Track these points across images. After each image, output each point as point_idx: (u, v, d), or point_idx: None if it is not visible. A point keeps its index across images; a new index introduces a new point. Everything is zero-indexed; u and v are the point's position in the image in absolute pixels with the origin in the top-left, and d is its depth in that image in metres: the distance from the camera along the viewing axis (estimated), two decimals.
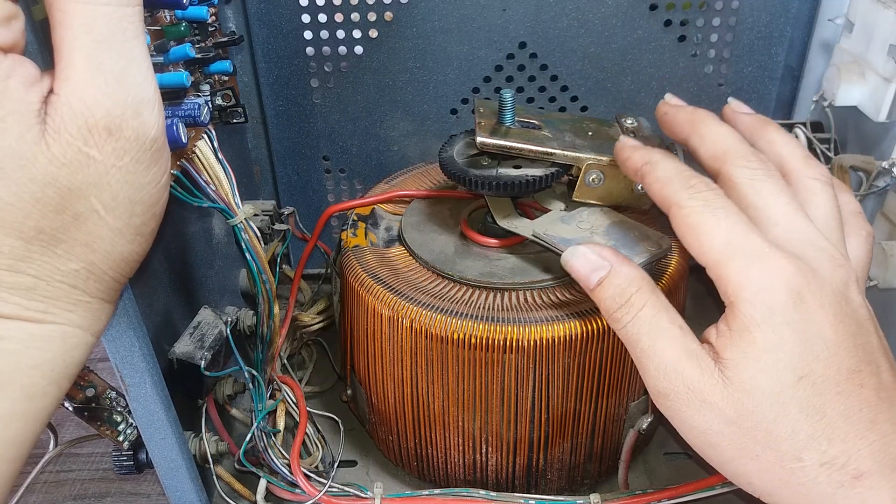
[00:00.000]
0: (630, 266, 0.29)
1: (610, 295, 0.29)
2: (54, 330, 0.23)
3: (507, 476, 0.39)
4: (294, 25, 0.48)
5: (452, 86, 0.51)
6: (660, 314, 0.28)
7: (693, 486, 0.35)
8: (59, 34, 0.21)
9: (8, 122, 0.20)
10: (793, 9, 0.48)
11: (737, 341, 0.26)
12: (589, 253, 0.30)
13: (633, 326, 0.28)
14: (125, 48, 0.22)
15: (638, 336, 0.28)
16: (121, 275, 0.25)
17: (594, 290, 0.30)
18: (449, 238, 0.40)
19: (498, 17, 0.48)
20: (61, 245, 0.22)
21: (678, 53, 0.50)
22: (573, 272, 0.31)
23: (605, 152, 0.37)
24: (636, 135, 0.38)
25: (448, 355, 0.35)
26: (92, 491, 0.49)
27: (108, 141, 0.22)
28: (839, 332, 0.25)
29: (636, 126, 0.39)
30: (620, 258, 0.29)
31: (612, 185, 0.37)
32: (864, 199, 0.42)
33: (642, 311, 0.28)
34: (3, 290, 0.22)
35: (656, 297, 0.28)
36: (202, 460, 0.37)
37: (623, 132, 0.39)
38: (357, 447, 0.45)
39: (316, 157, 0.54)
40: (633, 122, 0.39)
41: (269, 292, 0.38)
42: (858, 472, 0.24)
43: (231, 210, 0.34)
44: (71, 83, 0.21)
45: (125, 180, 0.23)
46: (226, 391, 0.41)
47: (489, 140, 0.36)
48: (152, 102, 0.23)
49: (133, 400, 0.32)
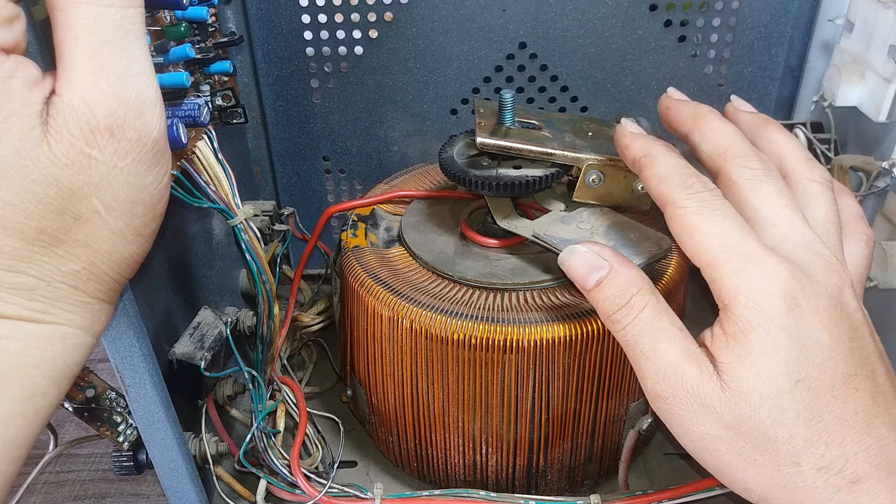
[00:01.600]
0: (630, 267, 0.29)
1: (609, 296, 0.28)
2: (54, 330, 0.23)
3: (507, 477, 0.39)
4: (294, 25, 0.48)
5: (452, 86, 0.51)
6: (660, 316, 0.27)
7: (693, 487, 0.35)
8: (61, 35, 0.21)
9: (10, 122, 0.20)
10: (793, 9, 0.48)
11: (732, 345, 0.26)
12: (587, 253, 0.30)
13: (633, 328, 0.28)
14: (127, 49, 0.22)
15: (637, 338, 0.27)
16: (121, 276, 0.25)
17: (592, 290, 0.29)
18: (449, 238, 0.40)
19: (498, 17, 0.48)
20: (62, 246, 0.22)
21: (678, 53, 0.49)
22: (570, 272, 0.30)
23: (605, 153, 0.37)
24: None
25: (448, 356, 0.35)
26: (92, 491, 0.49)
27: (110, 142, 0.22)
28: (834, 337, 0.25)
29: None
30: (620, 258, 0.29)
31: (612, 185, 0.37)
32: (864, 200, 0.42)
33: (643, 313, 0.28)
34: (4, 291, 0.22)
35: (656, 299, 0.28)
36: (202, 461, 0.37)
37: None
38: (357, 447, 0.45)
39: (316, 158, 0.54)
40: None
41: (269, 293, 0.38)
42: (856, 477, 0.24)
43: (231, 210, 0.34)
44: (73, 84, 0.21)
45: (126, 181, 0.23)
46: (226, 391, 0.41)
47: (489, 140, 0.36)
48: (154, 103, 0.23)
49: (133, 400, 0.32)
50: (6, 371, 0.22)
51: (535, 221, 0.38)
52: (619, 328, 0.28)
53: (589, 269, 0.29)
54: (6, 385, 0.22)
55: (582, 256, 0.30)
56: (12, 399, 0.22)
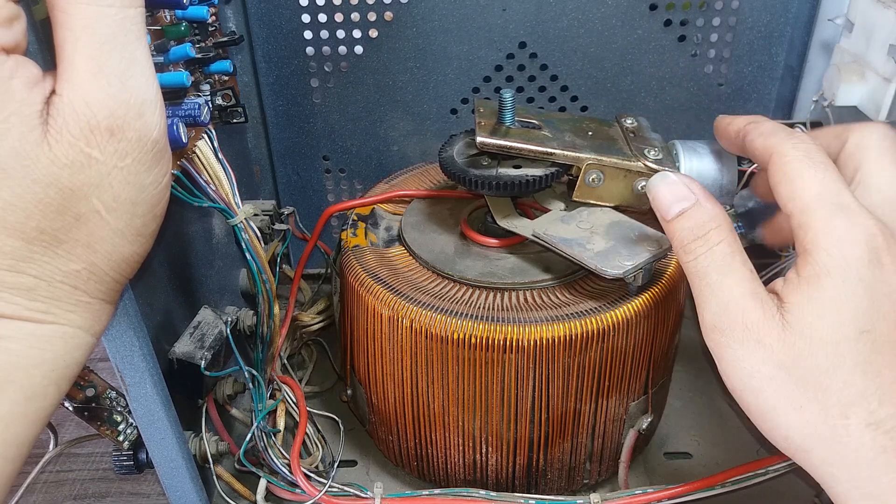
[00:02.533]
0: (714, 203, 0.29)
1: (689, 226, 0.29)
2: (55, 330, 0.23)
3: (507, 476, 0.39)
4: (294, 25, 0.48)
5: (452, 86, 0.51)
6: (734, 254, 0.28)
7: (693, 486, 0.35)
8: (61, 35, 0.21)
9: (10, 122, 0.20)
10: (793, 9, 0.48)
11: (804, 288, 0.26)
12: (677, 183, 0.30)
13: (705, 259, 0.28)
14: (128, 49, 0.22)
15: (707, 270, 0.27)
16: (122, 275, 0.25)
17: (673, 220, 0.29)
18: (449, 238, 0.40)
19: (498, 17, 0.48)
20: (63, 246, 0.22)
21: (678, 53, 0.50)
22: (655, 199, 0.30)
23: (605, 152, 0.37)
24: (636, 134, 0.38)
25: (448, 355, 0.35)
26: (92, 491, 0.49)
27: (111, 142, 0.22)
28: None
29: (636, 126, 0.39)
30: (706, 194, 0.29)
31: (613, 185, 0.37)
32: None
33: (718, 247, 0.28)
34: (5, 291, 0.22)
35: (733, 238, 0.28)
36: (202, 460, 0.37)
37: (623, 132, 0.39)
38: (357, 447, 0.45)
39: (316, 157, 0.54)
40: (633, 122, 0.39)
41: (270, 292, 0.38)
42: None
43: (231, 210, 0.34)
44: (73, 84, 0.21)
45: (127, 181, 0.23)
46: (226, 391, 0.41)
47: (489, 140, 0.36)
48: (154, 103, 0.23)
49: (133, 400, 0.32)
50: (7, 371, 0.22)
51: (535, 221, 0.38)
52: (690, 258, 0.28)
53: (674, 198, 0.29)
54: (7, 385, 0.22)
55: (671, 185, 0.30)
56: (13, 399, 0.22)
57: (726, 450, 0.44)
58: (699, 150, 0.38)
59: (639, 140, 0.38)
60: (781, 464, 0.36)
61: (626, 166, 0.36)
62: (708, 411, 0.47)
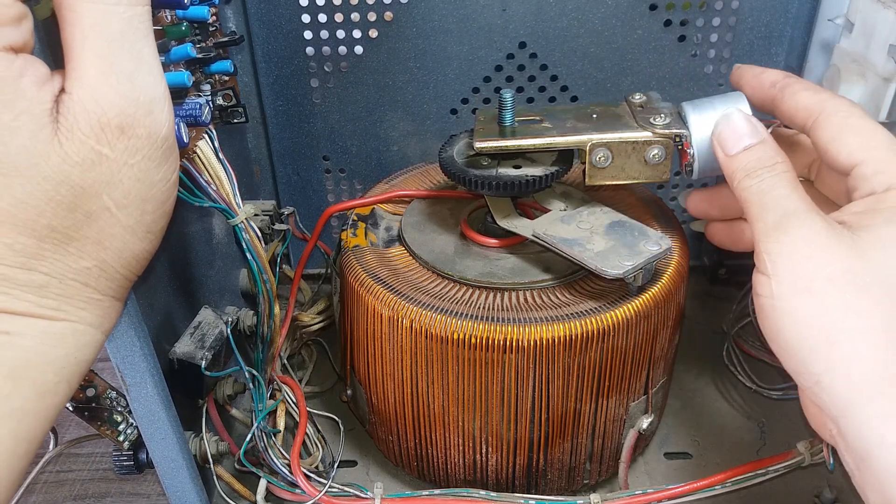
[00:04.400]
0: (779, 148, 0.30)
1: (757, 157, 0.29)
2: (66, 327, 0.23)
3: (507, 476, 0.39)
4: (294, 25, 0.48)
5: (452, 86, 0.51)
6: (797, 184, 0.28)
7: (693, 486, 0.35)
8: (70, 33, 0.21)
9: (21, 120, 0.20)
10: (793, 9, 0.48)
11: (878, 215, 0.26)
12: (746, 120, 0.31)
13: (771, 179, 0.28)
14: (136, 47, 0.22)
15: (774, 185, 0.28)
16: (131, 272, 0.25)
17: (738, 154, 0.30)
18: (449, 238, 0.40)
19: (498, 17, 0.48)
20: (73, 243, 0.22)
21: (678, 53, 0.50)
22: (722, 133, 0.31)
23: (609, 129, 0.35)
24: (644, 108, 0.37)
25: (448, 355, 0.35)
26: (92, 491, 0.49)
27: (121, 139, 0.22)
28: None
29: (645, 100, 0.37)
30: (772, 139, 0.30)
31: (623, 161, 0.35)
32: None
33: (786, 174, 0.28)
34: (17, 288, 0.22)
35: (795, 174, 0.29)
36: (202, 460, 0.37)
37: (630, 108, 0.37)
38: (357, 447, 0.45)
39: (316, 157, 0.54)
40: (642, 97, 0.37)
41: (270, 292, 0.38)
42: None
43: (232, 210, 0.34)
44: (83, 82, 0.21)
45: (137, 178, 0.23)
46: (226, 391, 0.41)
47: (486, 143, 0.36)
48: (163, 101, 0.23)
49: (133, 400, 0.32)
50: (19, 367, 0.22)
51: (534, 221, 0.38)
52: (755, 181, 0.29)
53: (741, 133, 0.30)
54: (19, 381, 0.22)
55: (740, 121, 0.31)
56: (25, 395, 0.22)
57: (726, 450, 0.44)
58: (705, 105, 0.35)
59: (647, 112, 0.36)
60: (781, 464, 0.36)
61: (633, 138, 0.35)
62: (708, 411, 0.47)
